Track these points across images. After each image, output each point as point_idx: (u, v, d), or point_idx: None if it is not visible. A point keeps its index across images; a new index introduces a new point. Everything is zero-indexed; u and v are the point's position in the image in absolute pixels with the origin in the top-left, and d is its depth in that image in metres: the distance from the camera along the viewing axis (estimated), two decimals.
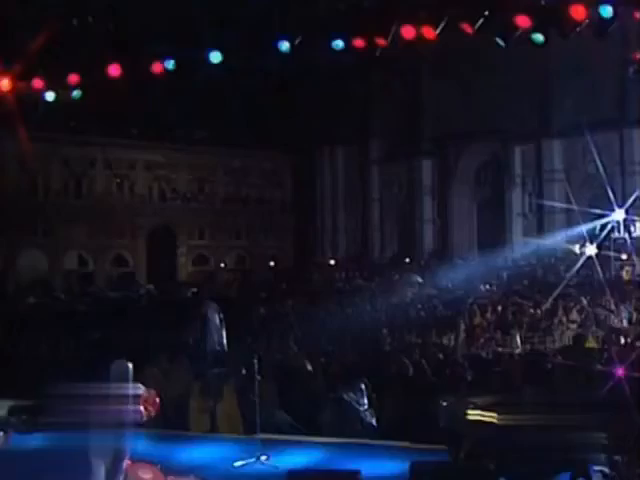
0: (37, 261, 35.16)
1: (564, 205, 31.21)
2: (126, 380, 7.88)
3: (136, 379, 14.25)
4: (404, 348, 15.23)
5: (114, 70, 16.52)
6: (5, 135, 23.62)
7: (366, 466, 8.72)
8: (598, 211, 26.95)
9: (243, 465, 10.78)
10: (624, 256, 25.51)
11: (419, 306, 21.17)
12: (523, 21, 14.93)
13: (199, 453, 11.32)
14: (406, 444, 10.62)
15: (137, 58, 16.58)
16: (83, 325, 18.60)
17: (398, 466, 9.13)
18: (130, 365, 7.97)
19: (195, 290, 27.34)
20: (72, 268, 36.62)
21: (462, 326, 17.30)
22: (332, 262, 38.05)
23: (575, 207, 28.85)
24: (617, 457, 8.27)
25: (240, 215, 40.53)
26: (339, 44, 16.63)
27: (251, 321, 18.21)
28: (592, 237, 25.61)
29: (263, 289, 28.31)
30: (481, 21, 15.19)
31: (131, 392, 7.75)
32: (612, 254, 25.63)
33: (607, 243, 25.79)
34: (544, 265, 28.57)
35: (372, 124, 39.59)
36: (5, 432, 8.47)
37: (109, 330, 17.38)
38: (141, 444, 11.44)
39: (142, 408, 7.71)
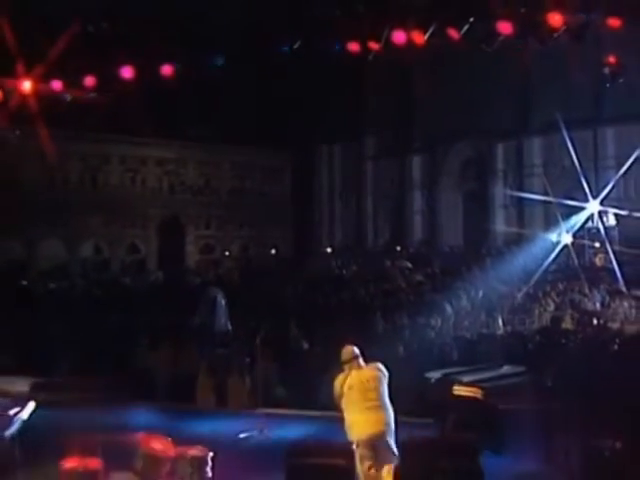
0: (56, 250, 35.14)
1: (542, 197, 31.16)
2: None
3: (149, 358, 14.26)
4: (395, 329, 15.26)
5: (127, 72, 16.46)
6: (27, 134, 23.50)
7: None
8: (574, 203, 26.92)
9: (247, 437, 10.83)
10: (597, 244, 25.51)
11: (409, 290, 21.17)
12: (505, 27, 14.86)
13: (207, 426, 11.37)
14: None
15: (148, 61, 16.50)
16: (98, 308, 18.60)
17: None
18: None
19: (202, 276, 27.34)
20: (88, 256, 36.62)
21: (448, 309, 17.31)
22: (329, 250, 38.02)
23: (552, 199, 28.82)
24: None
25: (244, 207, 40.47)
26: (336, 48, 16.55)
27: (254, 305, 18.18)
28: (568, 227, 25.60)
29: (265, 275, 28.30)
30: (466, 27, 15.12)
31: None
32: (586, 242, 25.63)
33: (582, 232, 25.78)
34: (524, 252, 28.53)
35: (367, 124, 39.51)
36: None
37: (122, 313, 17.39)
38: (154, 418, 11.50)
39: None
